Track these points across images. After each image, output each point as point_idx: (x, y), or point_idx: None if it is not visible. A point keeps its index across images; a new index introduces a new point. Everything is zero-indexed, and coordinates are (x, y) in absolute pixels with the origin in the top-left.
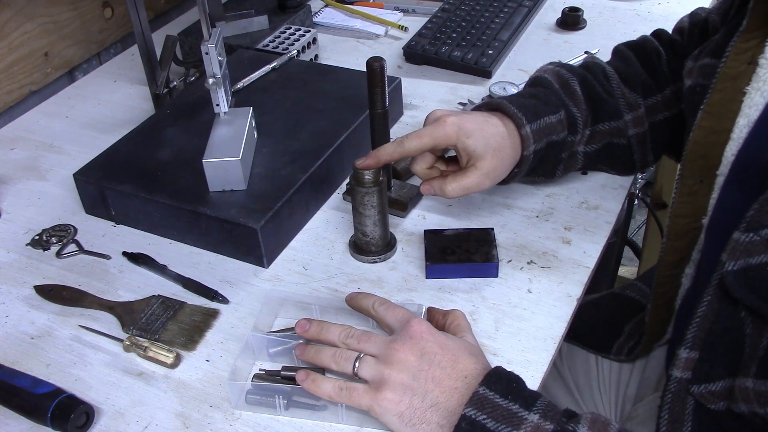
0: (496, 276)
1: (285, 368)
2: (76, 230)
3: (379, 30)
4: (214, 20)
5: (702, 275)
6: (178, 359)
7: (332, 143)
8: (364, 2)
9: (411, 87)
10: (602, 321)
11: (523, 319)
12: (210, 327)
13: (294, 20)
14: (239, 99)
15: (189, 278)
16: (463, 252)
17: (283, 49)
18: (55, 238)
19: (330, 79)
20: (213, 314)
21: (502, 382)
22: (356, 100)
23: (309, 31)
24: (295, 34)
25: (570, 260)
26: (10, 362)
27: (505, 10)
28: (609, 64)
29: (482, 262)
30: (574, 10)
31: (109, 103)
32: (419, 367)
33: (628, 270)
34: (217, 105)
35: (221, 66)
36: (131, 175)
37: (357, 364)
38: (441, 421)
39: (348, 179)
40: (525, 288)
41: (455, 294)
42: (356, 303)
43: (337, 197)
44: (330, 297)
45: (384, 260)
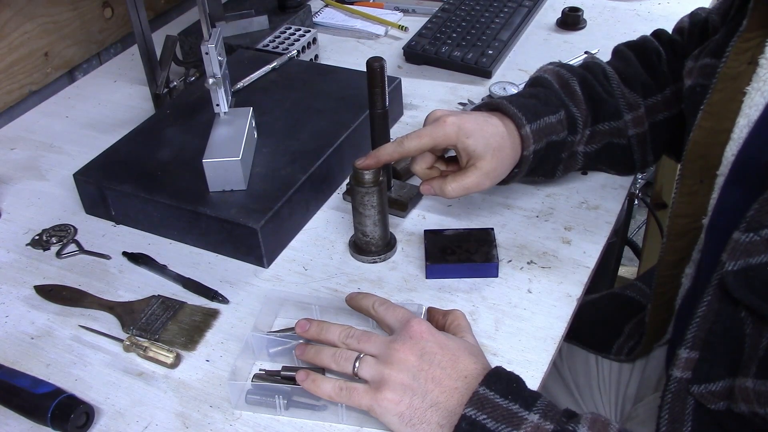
0: (496, 276)
1: (285, 368)
2: (76, 230)
3: (379, 30)
4: (214, 20)
5: (702, 275)
6: (178, 359)
7: (332, 143)
8: (364, 2)
9: (411, 87)
10: (602, 321)
11: (523, 319)
12: (210, 327)
13: (294, 20)
14: (239, 99)
15: (189, 278)
16: (463, 252)
17: (283, 49)
18: (55, 238)
19: (330, 79)
20: (213, 314)
21: (502, 382)
22: (356, 100)
23: (309, 31)
24: (295, 34)
25: (570, 260)
26: (10, 362)
27: (505, 10)
28: (609, 64)
29: (482, 262)
30: (574, 10)
31: (109, 103)
32: (419, 367)
33: (628, 270)
34: (217, 105)
35: (221, 66)
36: (131, 175)
37: (357, 364)
38: (441, 421)
39: (348, 179)
40: (525, 288)
41: (455, 294)
42: (356, 303)
43: (337, 197)
44: (330, 297)
45: (384, 260)
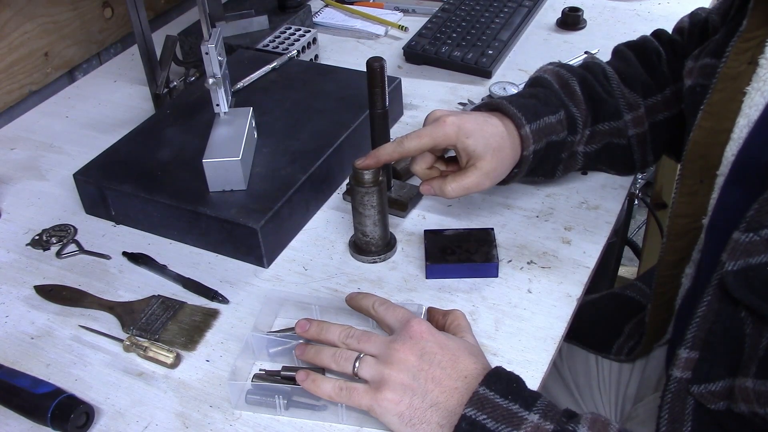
0: (496, 276)
1: (285, 368)
2: (76, 230)
3: (379, 30)
4: (214, 20)
5: (702, 275)
6: (178, 359)
7: (332, 143)
8: (364, 2)
9: (411, 87)
10: (602, 321)
11: (523, 319)
12: (210, 327)
13: (294, 20)
14: (239, 99)
15: (189, 278)
16: (463, 252)
17: (283, 49)
18: (55, 238)
19: (330, 79)
20: (213, 314)
21: (502, 382)
22: (356, 100)
23: (309, 31)
24: (295, 34)
25: (570, 260)
26: (10, 362)
27: (505, 10)
28: (609, 64)
29: (482, 262)
30: (574, 10)
31: (109, 103)
32: (419, 367)
33: (628, 270)
34: (217, 105)
35: (221, 66)
36: (131, 175)
37: (357, 364)
38: (441, 421)
39: (348, 179)
40: (525, 288)
41: (455, 294)
42: (356, 303)
43: (337, 197)
44: (330, 297)
45: (384, 260)
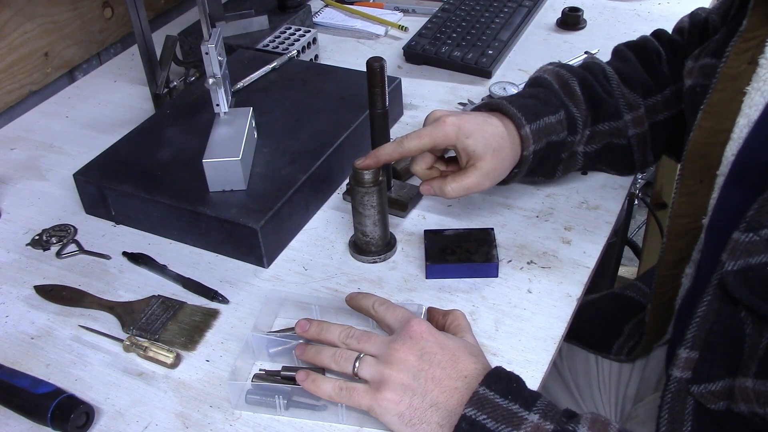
0: (496, 276)
1: (285, 368)
2: (76, 230)
3: (379, 30)
4: (214, 20)
5: (702, 275)
6: (178, 359)
7: (332, 143)
8: (364, 2)
9: (411, 87)
10: (602, 321)
11: (523, 319)
12: (210, 327)
13: (294, 20)
14: (239, 99)
15: (189, 278)
16: (463, 252)
17: (283, 49)
18: (55, 238)
19: (330, 79)
20: (213, 314)
21: (502, 382)
22: (356, 100)
23: (309, 31)
24: (295, 34)
25: (570, 260)
26: (10, 362)
27: (505, 10)
28: (609, 65)
29: (482, 262)
30: (574, 10)
31: (109, 103)
32: (419, 367)
33: (628, 270)
34: (217, 105)
35: (221, 66)
36: (131, 175)
37: (357, 364)
38: (441, 421)
39: (348, 179)
40: (525, 288)
41: (455, 294)
42: (356, 303)
43: (337, 197)
44: (330, 297)
45: (384, 260)
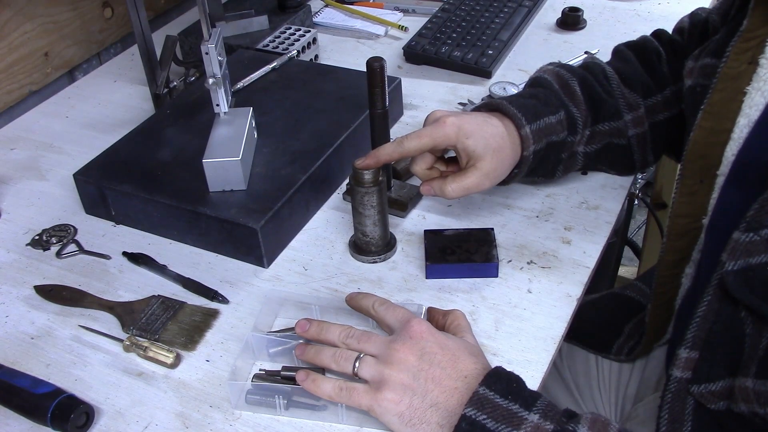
0: (496, 276)
1: (285, 368)
2: (76, 230)
3: (379, 30)
4: (214, 20)
5: (702, 275)
6: (178, 359)
7: (332, 143)
8: (364, 2)
9: (411, 87)
10: (602, 321)
11: (523, 319)
12: (210, 327)
13: (294, 20)
14: (239, 99)
15: (189, 278)
16: (463, 252)
17: (283, 49)
18: (55, 238)
19: (330, 79)
20: (213, 314)
21: (502, 382)
22: (356, 100)
23: (309, 31)
24: (295, 34)
25: (570, 260)
26: (10, 362)
27: (505, 10)
28: (609, 65)
29: (482, 262)
30: (574, 10)
31: (109, 103)
32: (419, 367)
33: (628, 270)
34: (217, 105)
35: (221, 66)
36: (131, 175)
37: (357, 364)
38: (441, 421)
39: (348, 179)
40: (525, 288)
41: (455, 294)
42: (356, 303)
43: (337, 197)
44: (330, 297)
45: (384, 260)
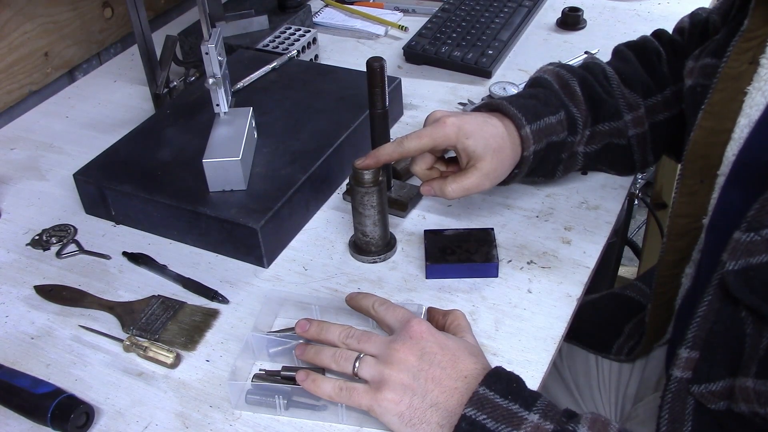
0: (496, 276)
1: (285, 368)
2: (76, 230)
3: (379, 30)
4: (214, 20)
5: (702, 275)
6: (178, 359)
7: (332, 143)
8: (364, 2)
9: (411, 87)
10: (602, 321)
11: (523, 319)
12: (210, 327)
13: (294, 20)
14: (239, 99)
15: (189, 278)
16: (463, 252)
17: (283, 49)
18: (55, 238)
19: (330, 79)
20: (213, 314)
21: (502, 382)
22: (356, 100)
23: (309, 31)
24: (295, 34)
25: (570, 260)
26: (10, 362)
27: (505, 10)
28: (609, 65)
29: (482, 262)
30: (574, 10)
31: (109, 103)
32: (419, 367)
33: (628, 270)
34: (217, 105)
35: (221, 66)
36: (131, 175)
37: (357, 364)
38: (441, 421)
39: (348, 179)
40: (525, 288)
41: (455, 294)
42: (356, 303)
43: (337, 197)
44: (330, 297)
45: (384, 260)
